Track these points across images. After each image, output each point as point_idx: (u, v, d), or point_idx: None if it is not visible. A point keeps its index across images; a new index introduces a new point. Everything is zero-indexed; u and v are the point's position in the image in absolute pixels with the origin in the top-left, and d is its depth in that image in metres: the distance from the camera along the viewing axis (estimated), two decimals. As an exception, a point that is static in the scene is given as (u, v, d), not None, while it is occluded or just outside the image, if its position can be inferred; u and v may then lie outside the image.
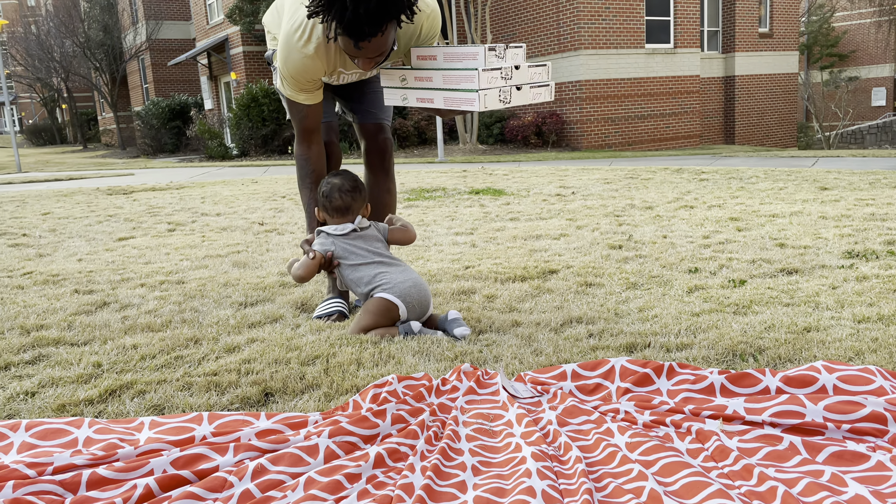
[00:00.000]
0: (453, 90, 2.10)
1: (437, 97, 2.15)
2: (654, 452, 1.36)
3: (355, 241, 2.45)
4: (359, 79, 2.57)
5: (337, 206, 2.45)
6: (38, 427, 1.54)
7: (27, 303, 2.97)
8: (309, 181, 2.52)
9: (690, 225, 4.44)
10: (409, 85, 2.23)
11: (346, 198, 2.44)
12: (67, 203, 7.61)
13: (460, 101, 2.09)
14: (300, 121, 2.43)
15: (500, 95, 2.09)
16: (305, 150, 2.50)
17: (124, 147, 27.69)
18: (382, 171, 2.75)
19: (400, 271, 2.42)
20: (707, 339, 2.16)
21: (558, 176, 8.65)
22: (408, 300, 2.35)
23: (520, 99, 2.16)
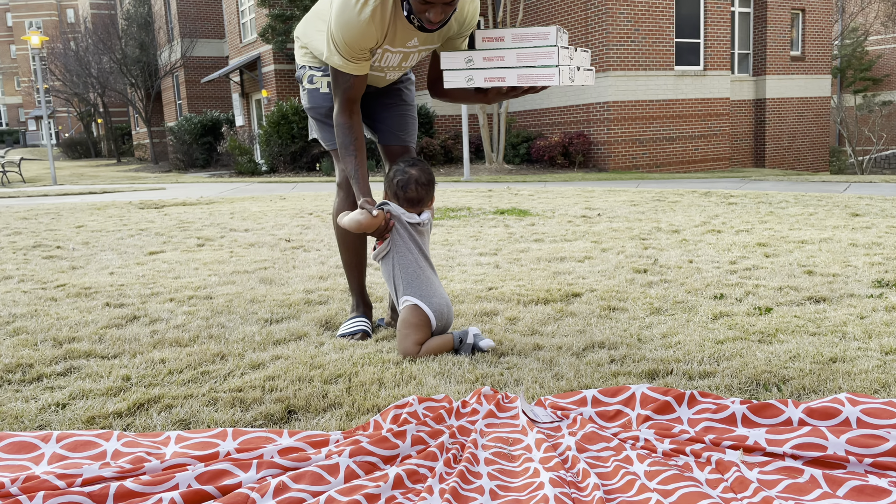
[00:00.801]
0: (530, 67, 2.18)
1: (510, 75, 2.21)
2: (673, 482, 1.36)
3: (415, 235, 2.46)
4: (399, 65, 2.53)
5: (411, 197, 2.45)
6: (69, 439, 1.58)
7: (60, 315, 3.05)
8: (353, 148, 2.44)
9: (717, 250, 4.41)
10: (476, 66, 2.26)
11: (421, 191, 2.45)
12: (101, 216, 7.77)
13: (538, 76, 2.17)
14: (345, 91, 2.40)
15: (570, 74, 2.19)
16: (347, 118, 2.44)
17: (157, 161, 28.24)
18: None
19: (437, 284, 2.47)
20: (730, 368, 2.15)
21: (584, 197, 8.64)
22: (439, 317, 2.40)
23: (580, 79, 2.27)
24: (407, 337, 2.35)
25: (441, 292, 2.45)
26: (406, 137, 2.73)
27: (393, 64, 2.50)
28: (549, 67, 2.16)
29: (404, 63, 2.53)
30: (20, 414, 1.88)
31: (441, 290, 2.46)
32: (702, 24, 16.25)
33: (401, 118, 2.72)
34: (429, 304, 2.39)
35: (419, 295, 2.41)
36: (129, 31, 29.04)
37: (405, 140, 2.73)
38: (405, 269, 2.43)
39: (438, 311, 2.40)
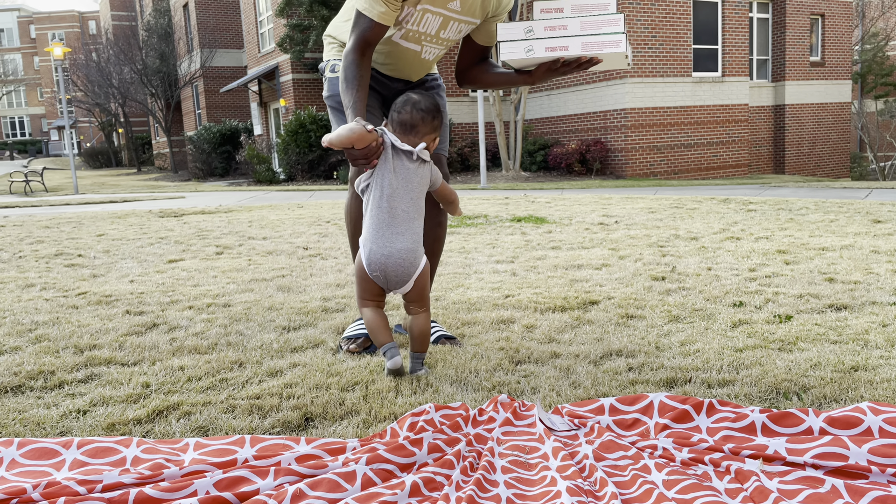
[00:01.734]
0: (595, 34, 2.16)
1: (574, 43, 2.19)
2: (692, 491, 1.35)
3: (401, 171, 2.19)
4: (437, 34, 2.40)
5: (404, 119, 2.21)
6: (89, 445, 1.60)
7: (81, 322, 3.08)
8: (356, 83, 2.26)
9: (736, 257, 4.38)
10: (537, 35, 2.22)
11: (416, 115, 2.21)
12: (121, 225, 7.87)
13: (604, 43, 2.16)
14: (362, 31, 2.28)
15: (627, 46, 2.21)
16: (359, 56, 2.29)
17: (176, 170, 28.53)
18: (435, 204, 2.61)
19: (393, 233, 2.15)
20: (750, 376, 2.13)
21: (602, 204, 8.61)
22: (373, 268, 2.16)
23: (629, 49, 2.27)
24: (356, 288, 2.21)
25: (391, 243, 2.14)
26: (440, 146, 2.62)
27: (431, 31, 2.38)
28: (615, 35, 2.15)
29: (442, 32, 2.39)
30: (42, 420, 1.91)
31: (393, 241, 2.14)
32: (720, 31, 16.17)
33: None
34: (365, 248, 2.15)
35: (364, 237, 2.19)
36: (150, 42, 29.44)
37: (438, 149, 2.61)
38: (371, 209, 2.19)
39: (374, 261, 2.13)
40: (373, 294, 2.21)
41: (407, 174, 2.20)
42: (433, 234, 2.67)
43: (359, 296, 2.23)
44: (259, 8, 21.81)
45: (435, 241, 2.67)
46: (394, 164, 2.19)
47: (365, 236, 2.19)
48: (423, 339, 2.25)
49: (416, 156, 2.21)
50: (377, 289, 2.20)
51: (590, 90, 15.89)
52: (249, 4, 22.25)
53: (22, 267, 5.00)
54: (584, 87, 16.01)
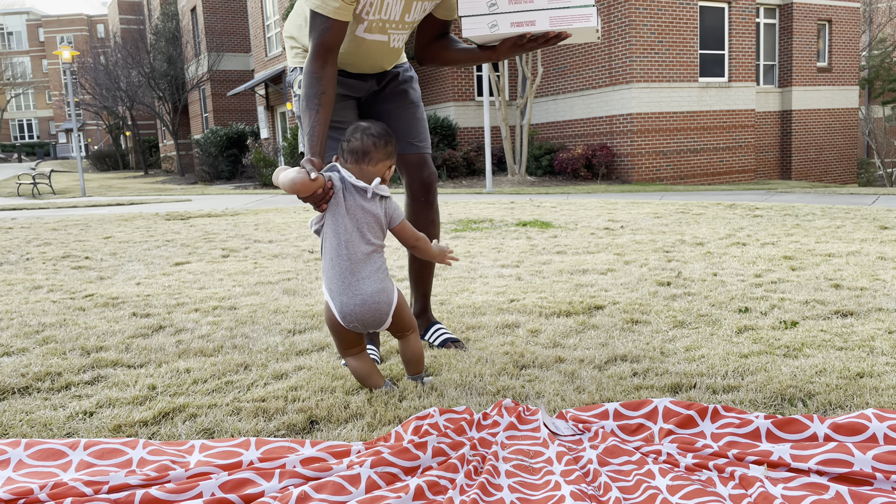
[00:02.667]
0: (564, 7, 1.99)
1: (542, 18, 2.01)
2: (696, 497, 1.35)
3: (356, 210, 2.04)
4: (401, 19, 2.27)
5: (354, 147, 2.06)
6: (96, 447, 1.61)
7: (88, 325, 3.10)
8: (316, 102, 2.11)
9: (742, 263, 4.37)
10: (501, 10, 2.04)
11: (367, 141, 2.04)
12: (128, 227, 7.90)
13: (573, 17, 1.99)
14: (320, 33, 2.13)
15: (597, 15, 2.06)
16: (319, 68, 2.13)
17: (183, 173, 28.63)
18: (427, 203, 2.56)
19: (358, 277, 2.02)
20: (755, 382, 2.13)
21: (607, 209, 8.61)
22: (348, 318, 2.03)
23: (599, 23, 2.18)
24: (334, 339, 2.11)
25: (360, 290, 2.01)
26: (420, 144, 2.52)
27: (395, 16, 2.24)
28: (584, 7, 1.98)
29: (407, 16, 2.25)
30: (49, 422, 1.92)
31: (362, 287, 2.02)
32: (726, 36, 16.16)
33: (410, 123, 2.50)
34: (334, 301, 2.03)
35: (328, 286, 2.06)
36: (158, 46, 29.58)
37: (420, 147, 2.52)
38: (329, 255, 2.05)
39: (348, 313, 2.02)
40: (352, 343, 2.10)
41: (363, 214, 2.04)
42: (427, 232, 2.55)
43: (338, 347, 2.11)
44: (266, 12, 21.90)
45: (428, 237, 2.55)
46: (346, 206, 2.03)
47: (330, 287, 2.05)
48: (418, 361, 2.20)
49: (372, 193, 2.05)
50: (355, 337, 2.10)
51: (596, 95, 15.90)
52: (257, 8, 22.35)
53: (29, 269, 5.03)
54: (591, 92, 16.01)
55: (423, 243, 2.18)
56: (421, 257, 2.22)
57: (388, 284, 2.08)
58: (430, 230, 2.61)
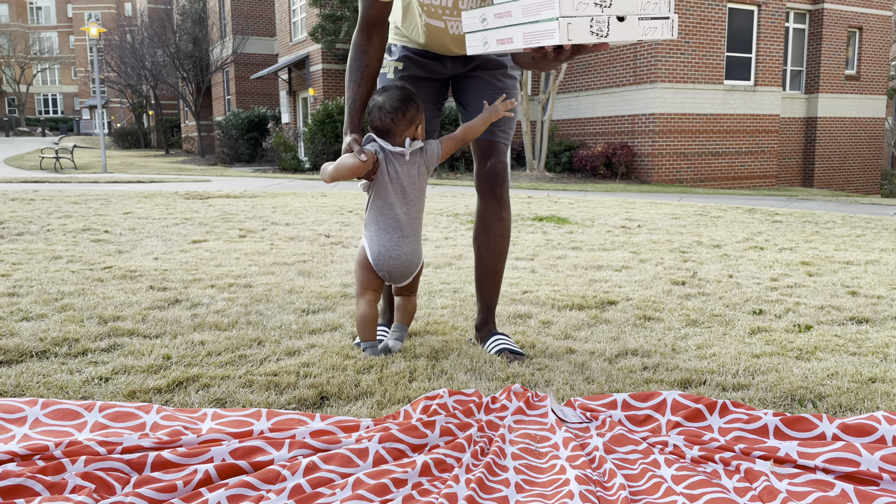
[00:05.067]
0: (533, 22, 1.76)
1: (517, 34, 1.81)
2: (700, 487, 1.36)
3: (399, 172, 2.24)
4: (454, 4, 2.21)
5: (377, 127, 2.22)
6: (111, 409, 1.64)
7: (106, 295, 3.14)
8: (358, 74, 2.22)
9: (759, 266, 4.34)
10: (490, 25, 1.90)
11: (386, 119, 2.18)
12: (148, 204, 7.98)
13: (541, 34, 1.74)
14: (365, 8, 2.21)
15: (593, 26, 1.72)
16: (365, 40, 2.22)
17: (203, 154, 28.80)
18: (494, 197, 2.39)
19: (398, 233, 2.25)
20: (765, 382, 2.12)
21: (625, 208, 8.57)
22: (378, 266, 2.26)
23: (622, 33, 1.75)
24: (356, 275, 2.33)
25: (399, 247, 2.24)
26: (497, 132, 2.39)
27: (447, 3, 2.19)
28: (549, 21, 1.72)
29: (461, 3, 2.19)
30: (65, 385, 1.96)
31: (400, 245, 2.25)
32: (754, 39, 15.99)
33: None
34: (372, 249, 2.26)
35: (369, 237, 2.28)
36: (184, 27, 29.73)
37: (496, 135, 2.39)
38: (373, 209, 2.27)
39: (382, 262, 2.25)
40: (374, 285, 2.32)
41: (406, 177, 2.26)
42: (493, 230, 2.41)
43: (360, 285, 2.32)
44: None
45: (496, 236, 2.41)
46: (389, 173, 2.24)
47: (371, 238, 2.29)
48: (410, 314, 2.43)
49: (409, 154, 2.25)
50: (379, 281, 2.33)
51: (619, 93, 15.81)
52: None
53: (50, 240, 5.09)
54: (614, 90, 15.92)
55: (469, 130, 2.27)
56: (479, 135, 2.31)
57: (420, 249, 2.34)
58: (497, 228, 2.41)
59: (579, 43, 1.75)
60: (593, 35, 1.73)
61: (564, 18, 1.69)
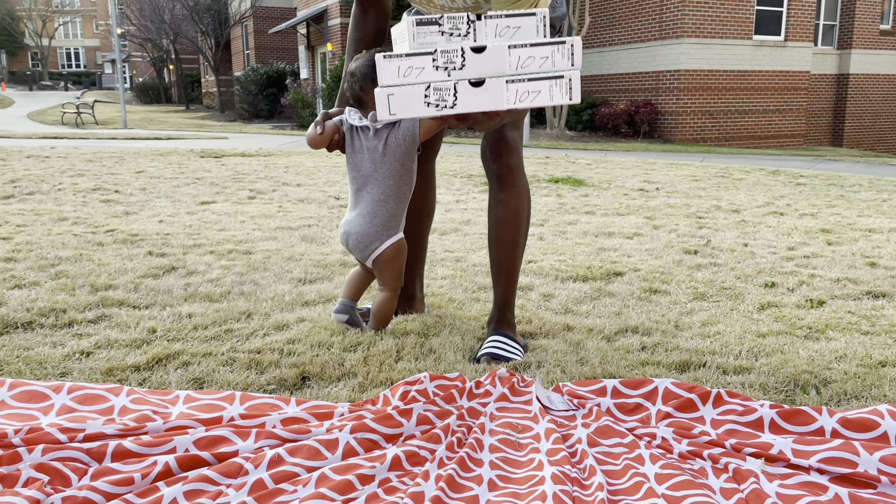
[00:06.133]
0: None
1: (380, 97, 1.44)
2: (683, 489, 1.28)
3: (358, 144, 2.11)
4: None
5: (350, 95, 2.09)
6: (79, 391, 1.60)
7: (102, 261, 3.11)
8: (353, 48, 2.18)
9: (776, 234, 4.20)
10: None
11: (356, 87, 2.05)
12: (161, 163, 7.94)
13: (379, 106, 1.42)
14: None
15: (430, 97, 1.39)
16: (360, 12, 2.17)
17: (223, 110, 28.69)
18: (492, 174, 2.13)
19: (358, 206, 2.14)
20: (768, 365, 2.03)
21: (644, 169, 8.38)
22: (342, 241, 2.19)
23: (480, 101, 1.40)
24: None
25: (351, 224, 2.14)
26: None
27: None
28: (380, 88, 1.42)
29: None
30: (44, 360, 1.92)
31: (353, 222, 2.14)
32: (786, -8, 15.39)
33: None
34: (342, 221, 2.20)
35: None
36: (202, -21, 29.32)
37: None
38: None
39: (340, 232, 2.18)
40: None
41: (370, 153, 2.11)
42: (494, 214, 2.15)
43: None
44: (311, -52, 21.49)
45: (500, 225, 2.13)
46: (354, 146, 2.13)
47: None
48: (378, 317, 2.21)
49: (373, 129, 2.08)
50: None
51: (643, 49, 15.36)
52: (302, -56, 21.94)
53: (59, 200, 5.08)
54: (638, 46, 15.48)
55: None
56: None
57: (382, 234, 2.13)
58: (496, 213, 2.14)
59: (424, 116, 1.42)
60: (429, 107, 1.40)
61: (386, 88, 1.39)
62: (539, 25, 1.41)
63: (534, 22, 1.41)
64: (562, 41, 1.40)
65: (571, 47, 1.40)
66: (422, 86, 1.37)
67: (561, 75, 1.39)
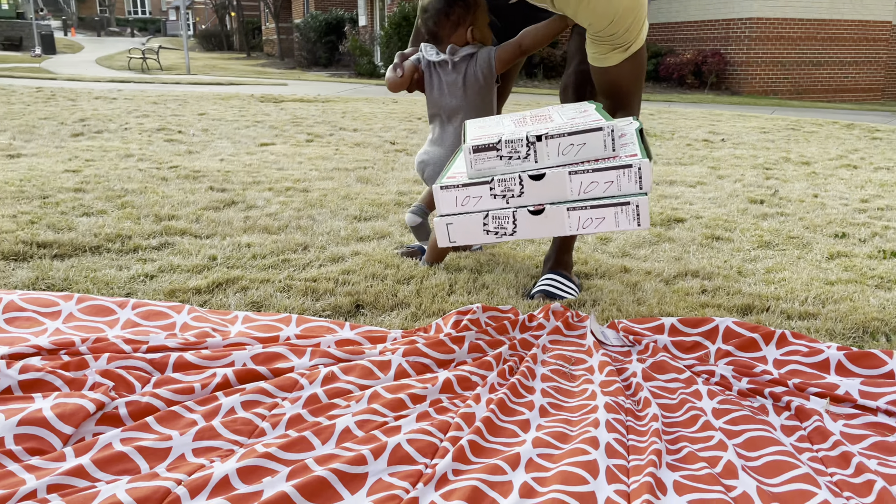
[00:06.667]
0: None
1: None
2: (742, 423, 1.25)
3: (440, 77, 2.08)
4: None
5: (425, 32, 2.07)
6: (143, 308, 1.64)
7: (166, 194, 3.18)
8: None
9: (849, 186, 4.01)
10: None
11: (430, 23, 2.03)
12: (223, 106, 8.05)
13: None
14: None
15: (489, 224, 1.35)
16: None
17: (283, 58, 28.81)
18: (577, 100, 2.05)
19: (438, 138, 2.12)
20: (836, 312, 1.95)
21: (710, 120, 8.08)
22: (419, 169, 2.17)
23: (540, 228, 1.34)
24: None
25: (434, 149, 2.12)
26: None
27: None
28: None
29: None
30: (111, 281, 1.98)
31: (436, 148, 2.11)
32: (873, -66, 14.41)
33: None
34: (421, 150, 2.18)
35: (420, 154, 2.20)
36: (264, -76, 29.14)
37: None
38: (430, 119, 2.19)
39: (419, 163, 2.15)
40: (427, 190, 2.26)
41: (450, 87, 2.07)
42: None
43: None
44: None
45: None
46: (433, 83, 2.10)
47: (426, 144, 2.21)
48: (433, 252, 2.23)
49: (451, 63, 2.04)
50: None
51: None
52: None
53: (126, 138, 5.21)
54: (709, -7, 14.79)
55: (531, 36, 1.98)
56: (544, 43, 1.99)
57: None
58: None
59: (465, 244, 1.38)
60: (490, 235, 1.35)
61: (444, 218, 1.34)
62: (607, 140, 1.29)
63: (600, 137, 1.29)
64: (628, 164, 1.27)
65: (639, 171, 1.28)
66: (480, 214, 1.32)
67: (627, 202, 1.28)
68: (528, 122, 1.40)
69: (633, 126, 1.44)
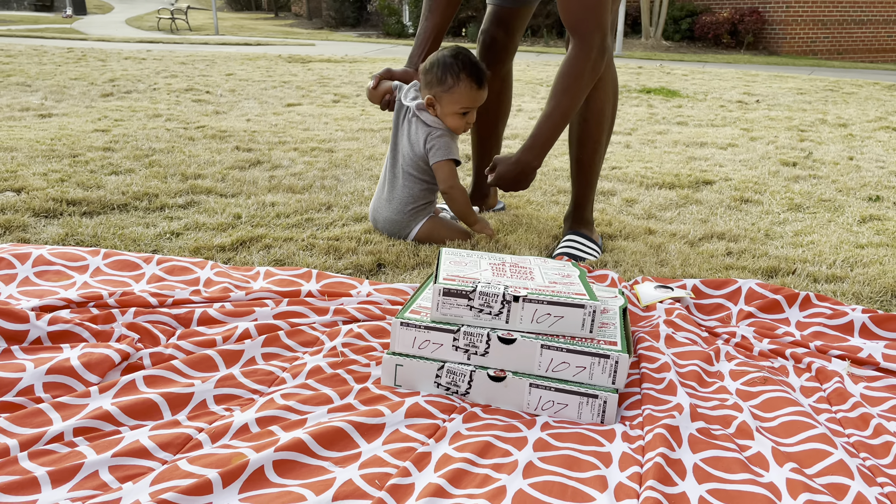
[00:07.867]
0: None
1: None
2: (759, 384, 1.24)
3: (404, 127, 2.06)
4: None
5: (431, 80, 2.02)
6: (168, 263, 1.67)
7: (192, 153, 3.21)
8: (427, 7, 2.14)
9: (887, 149, 3.90)
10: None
11: (424, 68, 2.04)
12: (250, 67, 8.05)
13: None
14: None
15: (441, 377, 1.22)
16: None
17: (311, 18, 28.59)
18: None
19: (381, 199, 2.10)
20: (864, 275, 1.91)
21: (745, 81, 7.88)
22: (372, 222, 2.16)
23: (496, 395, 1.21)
24: None
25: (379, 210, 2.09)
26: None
27: None
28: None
29: None
30: (138, 238, 2.02)
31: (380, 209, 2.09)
32: None
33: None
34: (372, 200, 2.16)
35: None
36: None
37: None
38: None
39: (371, 217, 2.14)
40: None
41: (403, 137, 2.05)
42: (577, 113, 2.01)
43: None
44: None
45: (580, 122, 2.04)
46: (399, 123, 2.07)
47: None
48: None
49: (412, 112, 2.02)
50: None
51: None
52: None
53: (154, 98, 5.24)
54: (748, -52, 14.29)
55: (456, 193, 2.01)
56: (449, 207, 2.08)
57: (403, 219, 2.05)
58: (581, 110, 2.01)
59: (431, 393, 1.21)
60: (440, 388, 1.22)
61: (395, 357, 1.22)
62: (587, 320, 1.19)
63: (580, 315, 1.19)
64: (605, 354, 1.15)
65: (615, 364, 1.16)
66: (435, 365, 1.21)
67: (595, 395, 1.15)
68: (506, 270, 1.33)
69: (617, 302, 1.37)
